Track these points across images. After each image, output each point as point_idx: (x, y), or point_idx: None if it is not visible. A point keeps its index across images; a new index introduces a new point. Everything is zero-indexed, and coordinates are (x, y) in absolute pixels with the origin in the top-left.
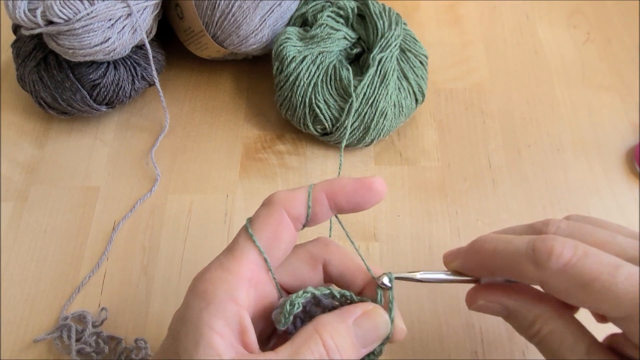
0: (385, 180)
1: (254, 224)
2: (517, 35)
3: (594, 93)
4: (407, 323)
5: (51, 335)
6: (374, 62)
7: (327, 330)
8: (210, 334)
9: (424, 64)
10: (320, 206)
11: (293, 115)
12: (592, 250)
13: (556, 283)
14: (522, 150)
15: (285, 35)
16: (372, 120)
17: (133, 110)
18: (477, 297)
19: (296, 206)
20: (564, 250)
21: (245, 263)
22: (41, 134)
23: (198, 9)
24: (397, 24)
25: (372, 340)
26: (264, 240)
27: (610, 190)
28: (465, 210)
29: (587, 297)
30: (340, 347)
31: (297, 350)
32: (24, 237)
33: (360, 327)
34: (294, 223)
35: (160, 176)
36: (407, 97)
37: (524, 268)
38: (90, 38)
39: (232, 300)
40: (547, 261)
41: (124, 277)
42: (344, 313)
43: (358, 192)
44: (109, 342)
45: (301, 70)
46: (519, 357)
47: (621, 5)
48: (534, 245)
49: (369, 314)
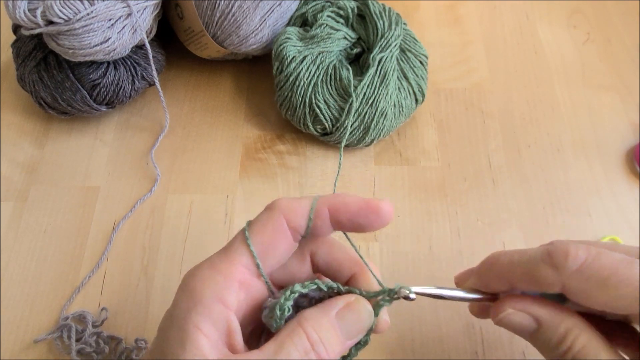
0: (385, 180)
1: (252, 228)
2: (517, 35)
3: (594, 93)
4: (407, 324)
5: (51, 336)
6: (374, 62)
7: (310, 324)
8: (196, 334)
9: (424, 64)
10: (321, 220)
11: (293, 115)
12: (604, 250)
13: (575, 284)
14: (522, 150)
15: (285, 35)
16: (372, 120)
17: (133, 110)
18: (505, 306)
19: (297, 216)
20: (579, 251)
21: (237, 265)
22: (41, 134)
23: (198, 9)
24: (397, 24)
25: (356, 332)
26: (259, 246)
27: (610, 190)
28: (465, 210)
29: (607, 294)
30: (325, 340)
31: (281, 346)
32: (24, 237)
33: (344, 319)
34: (293, 233)
35: (160, 176)
36: (407, 97)
37: (543, 273)
38: (90, 38)
39: (220, 302)
40: (565, 262)
41: (124, 277)
42: (327, 306)
43: (362, 213)
44: (109, 342)
45: (301, 70)
46: (519, 357)
47: (621, 5)
48: (549, 250)
49: (351, 306)
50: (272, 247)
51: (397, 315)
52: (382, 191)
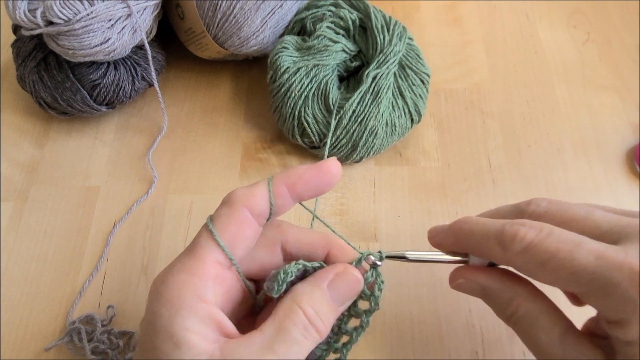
0: (385, 180)
1: (215, 223)
2: (517, 35)
3: (594, 93)
4: (407, 323)
5: (62, 341)
6: (367, 79)
7: (304, 300)
8: (188, 336)
9: (424, 83)
10: (282, 199)
11: (283, 125)
12: (556, 230)
13: (519, 263)
14: (522, 150)
15: (282, 44)
16: (360, 138)
17: (133, 110)
18: (458, 275)
19: (258, 203)
20: (528, 233)
21: (208, 263)
22: (41, 134)
23: (199, 9)
24: (400, 38)
25: (348, 297)
26: (227, 240)
27: (610, 190)
28: (466, 210)
29: (547, 275)
30: (320, 312)
31: (281, 325)
32: (24, 237)
33: (335, 289)
34: (257, 219)
35: (157, 178)
36: (402, 116)
37: (492, 249)
38: (90, 38)
39: (201, 301)
40: (511, 243)
41: (124, 277)
42: (318, 279)
43: (316, 178)
44: (122, 337)
45: (294, 81)
46: (519, 357)
47: (621, 5)
48: (503, 229)
49: (341, 275)
50: (240, 238)
51: (397, 315)
52: (382, 191)
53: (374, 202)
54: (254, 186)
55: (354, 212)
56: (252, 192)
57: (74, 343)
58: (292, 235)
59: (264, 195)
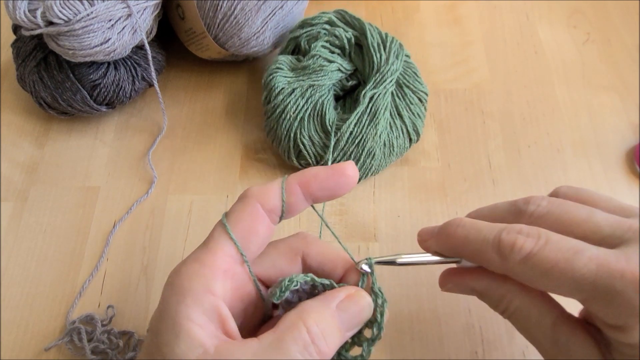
0: (385, 180)
1: (229, 218)
2: (517, 35)
3: (594, 93)
4: (407, 323)
5: (62, 341)
6: (364, 100)
7: (311, 317)
8: (189, 325)
9: (422, 101)
10: (295, 197)
11: (278, 146)
12: (554, 238)
13: (519, 273)
14: (522, 150)
15: (276, 64)
16: (358, 159)
17: (133, 110)
18: (447, 280)
19: (270, 199)
20: (526, 243)
21: (220, 255)
22: (41, 134)
23: (200, 10)
24: (397, 56)
25: (356, 323)
26: (239, 233)
27: (610, 190)
28: (466, 211)
29: (547, 283)
30: (326, 332)
31: (280, 338)
32: (24, 237)
33: (345, 311)
34: (270, 216)
35: (157, 178)
36: (400, 137)
37: (490, 258)
38: (91, 39)
39: (208, 292)
40: (509, 253)
41: (124, 277)
42: (328, 298)
43: (331, 179)
44: (121, 337)
45: (289, 103)
46: (519, 357)
47: (621, 5)
48: (500, 237)
49: (352, 298)
50: (252, 233)
51: (397, 314)
52: (382, 191)
53: (373, 202)
54: (268, 183)
55: (353, 212)
56: (266, 189)
57: (74, 343)
58: (316, 248)
59: (276, 192)
